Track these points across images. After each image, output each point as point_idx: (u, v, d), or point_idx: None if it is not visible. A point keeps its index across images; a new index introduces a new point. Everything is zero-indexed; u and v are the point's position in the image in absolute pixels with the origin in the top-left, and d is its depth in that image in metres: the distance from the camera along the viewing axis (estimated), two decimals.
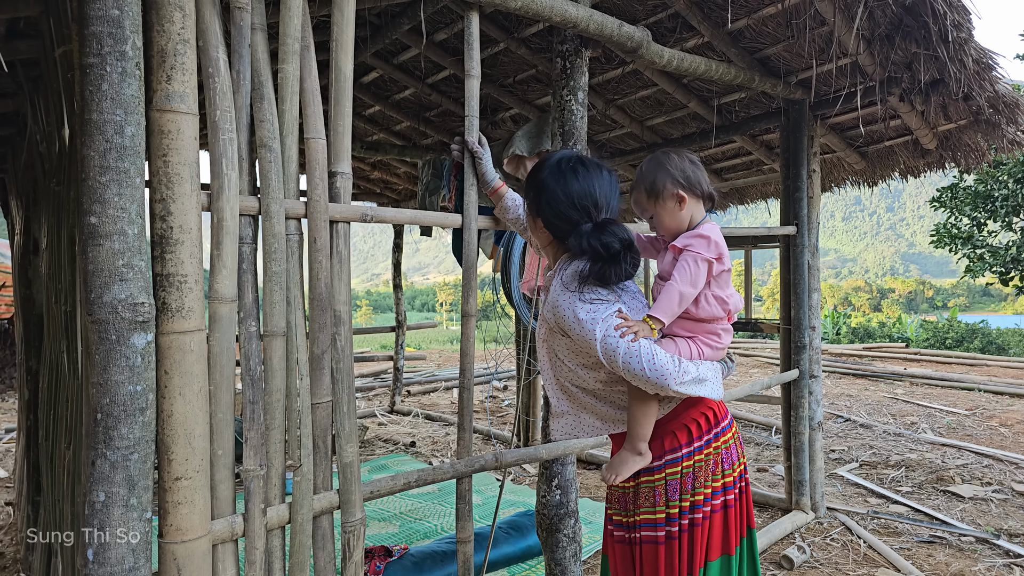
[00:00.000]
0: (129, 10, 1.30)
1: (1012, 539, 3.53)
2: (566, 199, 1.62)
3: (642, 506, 1.66)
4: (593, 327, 1.53)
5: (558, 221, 1.64)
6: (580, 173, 1.64)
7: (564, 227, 1.63)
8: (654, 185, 1.70)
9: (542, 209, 1.66)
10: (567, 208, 1.62)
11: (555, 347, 1.68)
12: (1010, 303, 55.25)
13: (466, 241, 2.03)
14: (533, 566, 3.23)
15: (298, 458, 1.66)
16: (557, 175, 1.64)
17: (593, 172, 1.65)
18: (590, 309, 1.55)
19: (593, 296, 1.57)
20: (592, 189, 1.63)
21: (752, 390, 3.60)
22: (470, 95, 2.00)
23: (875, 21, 3.02)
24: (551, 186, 1.63)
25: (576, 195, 1.62)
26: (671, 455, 1.63)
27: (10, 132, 3.51)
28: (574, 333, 1.57)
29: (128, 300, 1.30)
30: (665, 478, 1.64)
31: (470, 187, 2.11)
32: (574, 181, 1.63)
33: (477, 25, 2.09)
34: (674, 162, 1.72)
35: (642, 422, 1.59)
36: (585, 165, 1.66)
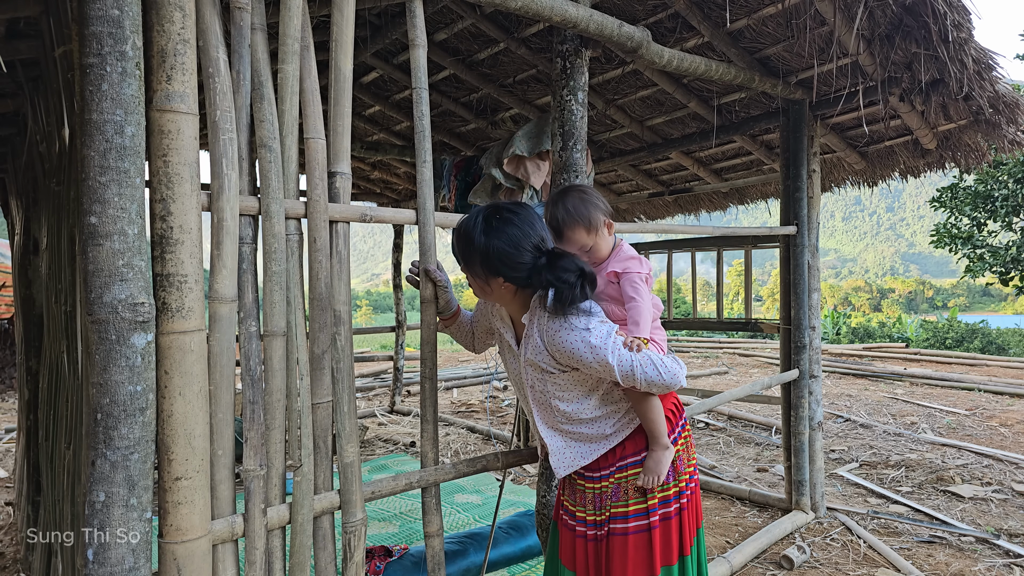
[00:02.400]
0: (129, 10, 1.30)
1: (1012, 539, 3.53)
2: (516, 249, 1.64)
3: (632, 499, 1.76)
4: (605, 348, 1.61)
5: (517, 272, 1.65)
6: (513, 220, 1.66)
7: (523, 274, 1.66)
8: (591, 221, 1.86)
9: (500, 268, 1.65)
10: (520, 255, 1.64)
11: (549, 388, 1.74)
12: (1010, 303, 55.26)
13: (421, 223, 1.97)
14: (533, 566, 3.23)
15: (298, 458, 1.66)
16: (496, 231, 1.64)
17: (521, 213, 1.69)
18: (599, 333, 1.63)
19: (591, 322, 1.65)
20: (531, 228, 1.67)
21: (752, 390, 3.60)
22: (416, 65, 1.93)
23: (875, 21, 3.02)
24: (498, 244, 1.64)
25: (523, 240, 1.64)
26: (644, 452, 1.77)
27: (10, 132, 3.51)
28: (586, 360, 1.63)
29: (128, 300, 1.30)
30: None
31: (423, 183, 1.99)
32: (513, 229, 1.65)
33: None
34: (591, 196, 1.90)
35: (657, 420, 1.74)
36: (510, 210, 1.69)
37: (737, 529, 3.77)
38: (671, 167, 5.47)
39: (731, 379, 9.55)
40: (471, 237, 1.66)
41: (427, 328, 2.00)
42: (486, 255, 1.64)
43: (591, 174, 3.80)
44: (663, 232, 3.15)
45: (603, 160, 5.17)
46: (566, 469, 1.79)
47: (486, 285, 1.71)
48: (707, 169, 5.29)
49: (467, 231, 1.67)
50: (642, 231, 3.00)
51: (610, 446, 1.78)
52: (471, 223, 1.67)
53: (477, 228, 1.65)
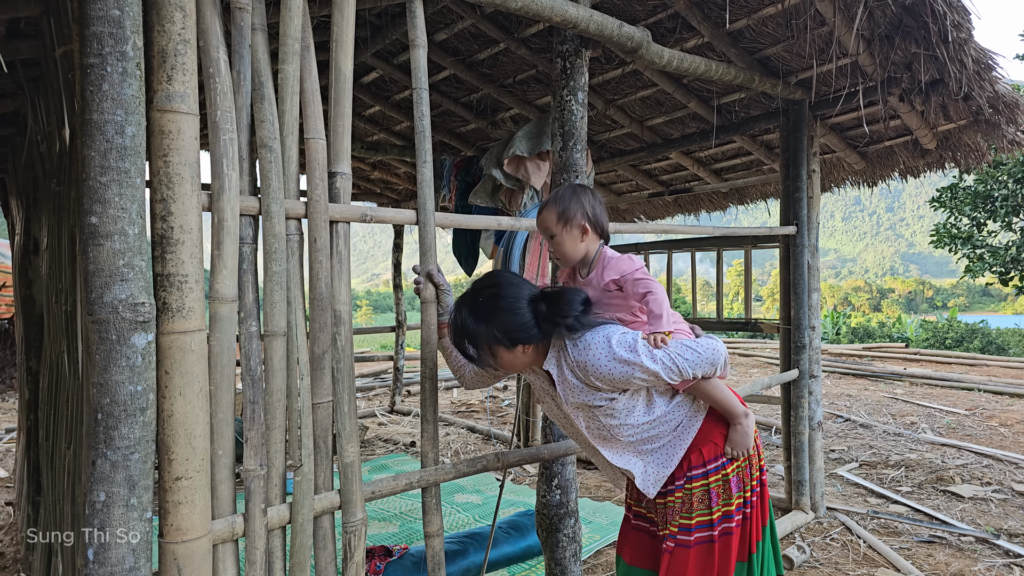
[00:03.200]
0: (130, 10, 1.30)
1: (1012, 539, 3.53)
2: (518, 315, 1.65)
3: (697, 511, 1.75)
4: (639, 357, 1.63)
5: (527, 333, 1.67)
6: (498, 289, 1.68)
7: (534, 331, 1.67)
8: (566, 212, 1.85)
9: (513, 338, 1.66)
10: (523, 320, 1.66)
11: (604, 421, 1.74)
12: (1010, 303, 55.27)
13: (422, 223, 1.97)
14: (533, 566, 3.23)
15: (299, 458, 1.66)
16: (489, 308, 1.66)
17: (502, 280, 1.70)
18: (624, 345, 1.64)
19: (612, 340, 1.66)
20: (519, 292, 1.68)
21: (752, 390, 3.60)
22: (416, 65, 1.93)
23: (875, 21, 3.02)
24: (498, 318, 1.65)
25: (515, 303, 1.66)
26: (712, 463, 1.76)
27: (11, 132, 3.51)
28: (626, 376, 1.64)
29: (129, 300, 1.31)
30: (708, 485, 1.75)
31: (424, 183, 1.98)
32: (502, 300, 1.66)
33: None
34: (588, 198, 1.89)
35: (724, 397, 1.75)
36: (493, 280, 1.71)
37: None
38: (671, 167, 5.47)
39: (731, 379, 9.56)
40: (470, 331, 1.67)
41: (427, 328, 1.99)
42: (492, 333, 1.66)
43: (591, 174, 3.80)
44: (663, 232, 3.15)
45: (603, 160, 5.17)
46: (656, 486, 1.77)
47: (513, 356, 1.71)
48: (707, 169, 5.29)
49: (463, 328, 1.67)
50: (642, 231, 3.00)
51: (689, 438, 1.76)
52: (461, 319, 1.67)
53: (470, 320, 1.66)
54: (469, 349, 1.70)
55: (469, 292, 1.72)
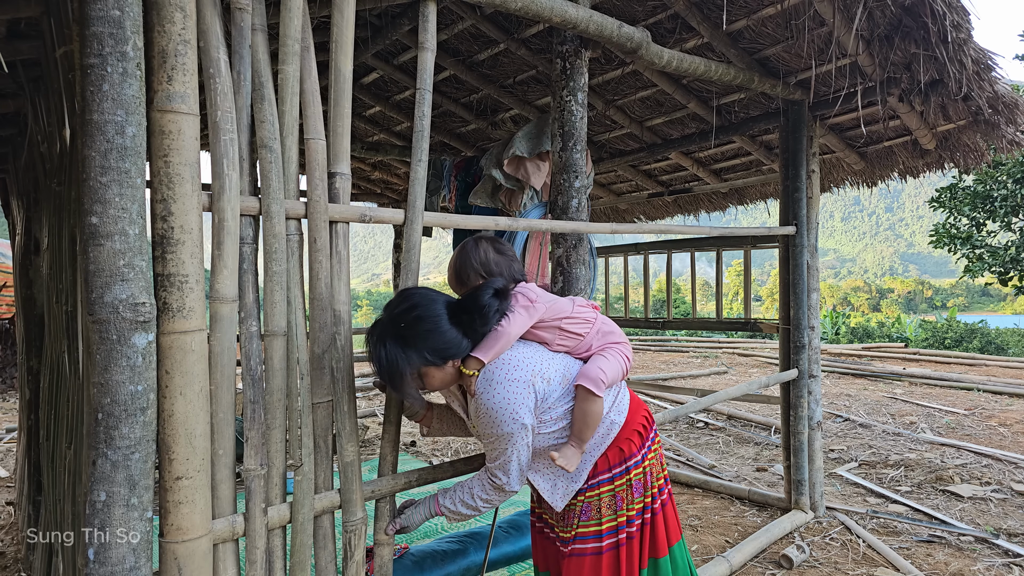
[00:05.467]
0: (130, 11, 1.30)
1: (1011, 538, 3.54)
2: (446, 332, 1.62)
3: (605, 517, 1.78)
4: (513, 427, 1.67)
5: (456, 346, 1.64)
6: (419, 311, 1.63)
7: (462, 342, 1.65)
8: (459, 274, 1.89)
9: (444, 355, 1.63)
10: (451, 336, 1.63)
11: None
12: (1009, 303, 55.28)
13: (408, 221, 1.96)
14: (533, 565, 3.23)
15: (299, 457, 1.66)
16: (414, 332, 1.61)
17: (418, 300, 1.66)
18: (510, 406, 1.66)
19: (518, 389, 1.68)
20: (438, 308, 1.65)
21: (751, 389, 3.60)
22: (422, 68, 1.93)
23: (874, 22, 3.02)
24: (428, 340, 1.61)
25: (439, 327, 1.63)
26: (631, 460, 1.79)
27: (11, 132, 3.51)
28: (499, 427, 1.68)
29: (129, 300, 1.31)
30: (629, 481, 1.78)
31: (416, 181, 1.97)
32: (425, 322, 1.62)
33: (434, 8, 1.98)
34: (474, 253, 1.87)
35: (592, 423, 1.74)
36: (408, 302, 1.66)
37: (736, 528, 3.77)
38: (671, 167, 5.47)
39: (730, 379, 9.56)
40: (392, 361, 1.59)
41: None
42: (425, 359, 1.61)
43: (591, 174, 3.80)
44: (662, 232, 3.16)
45: (603, 160, 5.17)
46: (564, 499, 1.80)
47: (445, 375, 1.68)
48: (706, 169, 5.29)
49: (387, 357, 1.59)
50: (641, 231, 3.01)
51: (600, 450, 1.79)
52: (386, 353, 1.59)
53: (393, 348, 1.59)
54: (396, 382, 1.62)
55: (386, 320, 1.64)
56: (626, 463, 1.78)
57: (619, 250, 5.70)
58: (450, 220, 2.22)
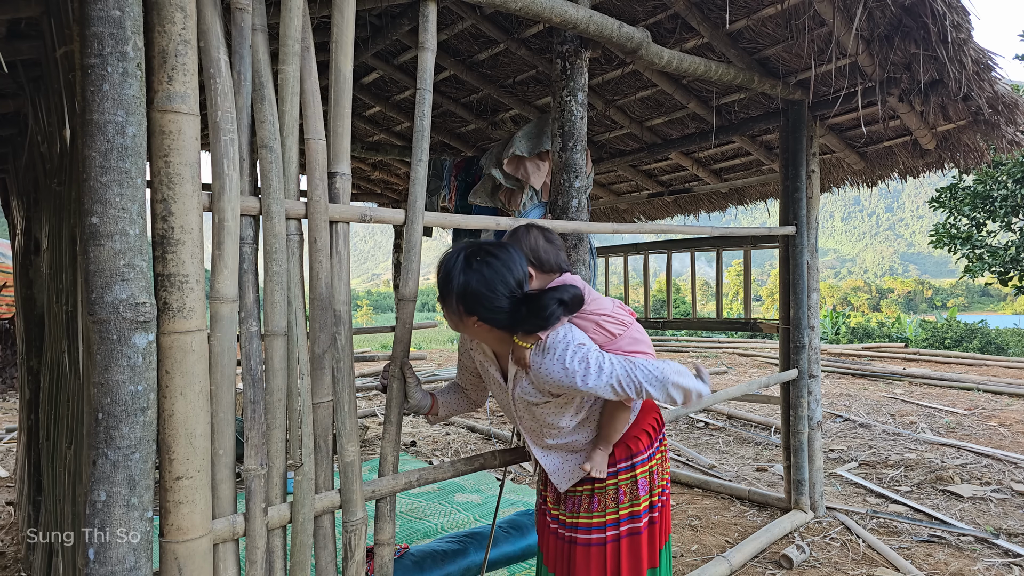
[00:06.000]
0: (130, 11, 1.30)
1: (1011, 538, 3.54)
2: (491, 292, 1.62)
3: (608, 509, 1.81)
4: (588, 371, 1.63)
5: (493, 314, 1.64)
6: (493, 264, 1.64)
7: (499, 316, 1.65)
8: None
9: (475, 308, 1.64)
10: (497, 298, 1.63)
11: (543, 415, 1.78)
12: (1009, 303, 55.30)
13: (409, 221, 1.95)
14: (533, 565, 3.23)
15: (299, 457, 1.66)
16: (473, 273, 1.63)
17: (501, 256, 1.66)
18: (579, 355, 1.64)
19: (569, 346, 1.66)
20: (510, 272, 1.65)
21: (751, 389, 3.60)
22: (423, 68, 1.92)
23: (874, 22, 3.02)
24: (474, 286, 1.62)
25: (499, 284, 1.63)
26: (637, 457, 1.83)
27: (11, 132, 3.51)
28: (573, 384, 1.63)
29: (129, 300, 1.31)
30: (635, 478, 1.82)
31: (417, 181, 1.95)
32: (492, 272, 1.63)
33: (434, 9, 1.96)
34: (525, 240, 1.86)
35: (620, 428, 1.80)
36: (491, 253, 1.67)
37: (736, 528, 3.77)
38: (671, 167, 5.47)
39: (730, 379, 9.56)
40: (450, 275, 1.64)
41: (401, 327, 1.95)
42: (462, 294, 1.63)
43: (591, 174, 3.81)
44: (662, 232, 3.16)
45: (603, 160, 5.17)
46: (567, 483, 1.84)
47: (460, 322, 1.69)
48: (706, 169, 5.29)
49: (447, 269, 1.66)
50: (641, 231, 3.01)
51: None
52: (452, 260, 1.66)
53: (457, 266, 1.64)
54: (439, 289, 1.67)
55: (475, 246, 1.70)
56: (632, 459, 1.82)
57: (619, 250, 5.70)
58: (450, 220, 2.22)
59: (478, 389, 2.05)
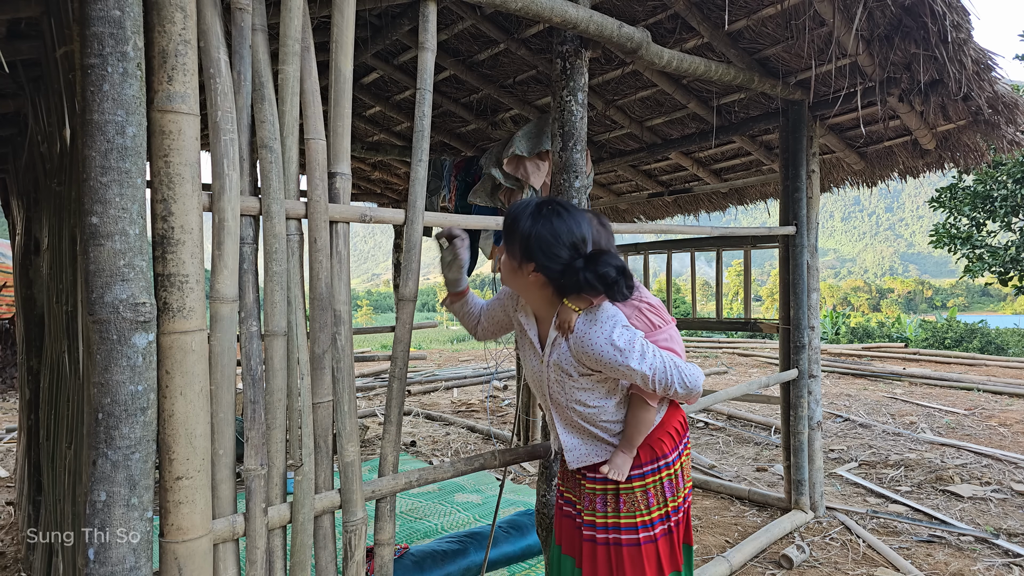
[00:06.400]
0: (130, 11, 1.30)
1: (1011, 538, 3.54)
2: (555, 240, 1.65)
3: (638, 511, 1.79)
4: (631, 352, 1.64)
5: (551, 263, 1.66)
6: (562, 215, 1.69)
7: (556, 267, 1.67)
8: None
9: (535, 255, 1.67)
10: (559, 248, 1.65)
11: (569, 390, 1.76)
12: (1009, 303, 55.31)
13: (409, 220, 1.95)
14: (533, 565, 3.23)
15: (299, 457, 1.66)
16: (541, 219, 1.67)
17: (571, 211, 1.71)
18: (624, 337, 1.65)
19: (617, 325, 1.68)
20: (577, 227, 1.69)
21: (751, 389, 3.60)
22: (423, 68, 1.92)
23: (874, 22, 3.02)
24: (539, 231, 1.66)
25: (564, 234, 1.66)
26: (661, 460, 1.82)
27: (11, 132, 3.51)
28: (610, 363, 1.65)
29: (129, 300, 1.31)
30: (660, 480, 1.81)
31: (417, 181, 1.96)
32: (559, 222, 1.67)
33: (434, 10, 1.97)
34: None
35: (644, 430, 1.79)
36: (564, 207, 1.72)
37: (736, 528, 3.77)
38: (671, 167, 5.47)
39: (730, 379, 9.56)
40: (518, 219, 1.69)
41: (402, 327, 1.95)
42: (527, 238, 1.66)
43: (591, 174, 3.81)
44: (662, 232, 3.16)
45: (603, 160, 5.17)
46: (578, 463, 1.84)
47: (519, 269, 1.72)
48: (706, 169, 5.29)
49: (516, 214, 1.71)
50: (641, 231, 3.01)
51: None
52: (522, 207, 1.71)
53: (526, 212, 1.69)
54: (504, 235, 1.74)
55: (548, 199, 1.75)
56: (657, 462, 1.81)
57: (619, 250, 5.68)
58: (450, 220, 2.22)
59: (488, 329, 2.06)
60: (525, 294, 1.80)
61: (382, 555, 1.90)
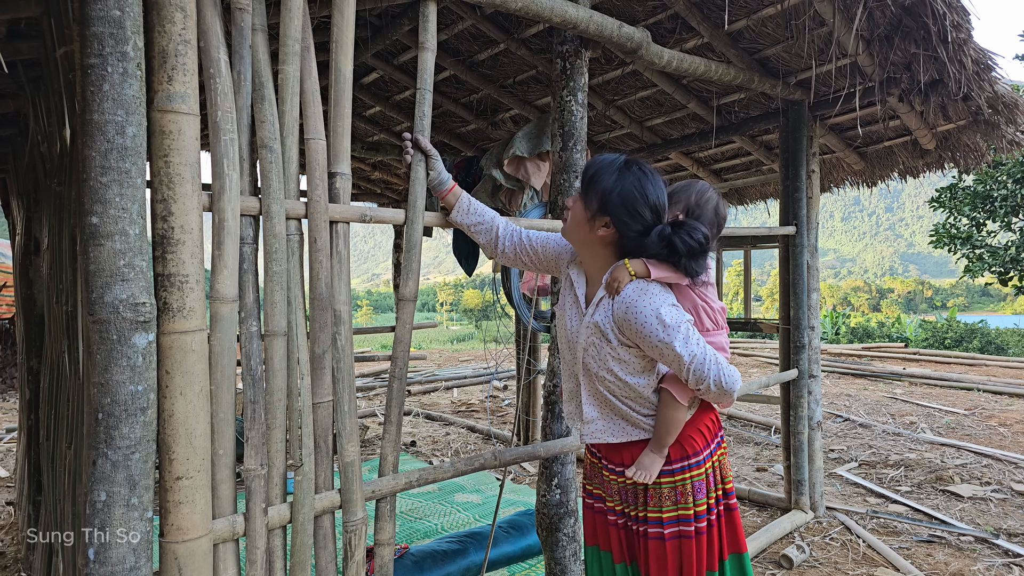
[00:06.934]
0: (130, 11, 1.30)
1: (1011, 538, 3.54)
2: (642, 199, 1.62)
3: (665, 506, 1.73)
4: (676, 332, 1.57)
5: (630, 220, 1.63)
6: (648, 176, 1.65)
7: (635, 227, 1.63)
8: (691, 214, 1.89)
9: (613, 208, 1.63)
10: (642, 207, 1.62)
11: (604, 356, 1.68)
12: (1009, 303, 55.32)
13: (409, 220, 1.94)
14: (533, 565, 3.23)
15: (299, 457, 1.66)
16: (630, 176, 1.63)
17: (656, 176, 1.68)
18: (672, 315, 1.59)
19: (668, 301, 1.62)
20: (661, 192, 1.66)
21: (751, 389, 3.60)
22: (423, 68, 1.91)
23: (874, 22, 3.02)
24: (627, 185, 1.62)
25: (651, 195, 1.63)
26: (693, 459, 1.73)
27: (11, 132, 3.51)
28: (651, 338, 1.59)
29: (129, 300, 1.31)
30: (691, 479, 1.72)
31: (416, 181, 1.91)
32: (647, 182, 1.64)
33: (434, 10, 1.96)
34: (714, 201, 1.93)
35: (673, 430, 1.69)
36: (650, 170, 1.68)
37: None
38: (670, 167, 5.47)
39: None
40: (603, 171, 1.65)
41: (402, 327, 1.93)
42: (609, 191, 1.62)
43: None
44: None
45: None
46: (592, 438, 1.76)
47: (591, 221, 1.67)
48: (706, 169, 5.29)
49: (602, 165, 1.66)
50: None
51: (643, 436, 1.73)
52: (608, 160, 1.67)
53: (613, 166, 1.65)
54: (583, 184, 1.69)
55: (633, 159, 1.70)
56: (687, 461, 1.72)
57: None
58: (442, 220, 2.21)
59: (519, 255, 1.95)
60: (584, 248, 1.74)
61: (382, 555, 1.90)
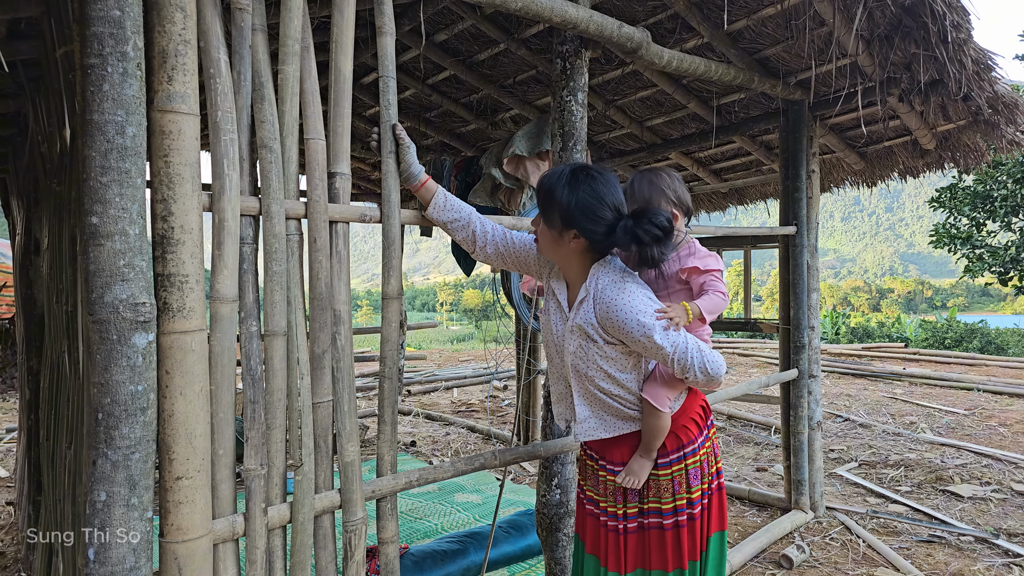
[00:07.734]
0: (130, 11, 1.30)
1: (1011, 538, 3.54)
2: (599, 203, 1.66)
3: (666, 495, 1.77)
4: (655, 326, 1.63)
5: (594, 225, 1.67)
6: (598, 179, 1.69)
7: (600, 229, 1.68)
8: (649, 204, 1.88)
9: (577, 220, 1.67)
10: (601, 211, 1.66)
11: (596, 356, 1.72)
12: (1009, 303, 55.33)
13: (385, 216, 1.89)
14: (533, 565, 3.23)
15: (299, 457, 1.66)
16: (582, 185, 1.67)
17: (605, 174, 1.72)
18: (652, 307, 1.65)
19: (646, 297, 1.68)
20: (614, 189, 1.70)
21: (751, 389, 3.61)
22: (383, 53, 1.84)
23: (874, 22, 3.02)
24: (582, 195, 1.66)
25: (607, 196, 1.67)
26: (688, 447, 1.78)
27: (11, 132, 3.51)
28: (633, 334, 1.64)
29: (129, 300, 1.31)
30: (686, 468, 1.77)
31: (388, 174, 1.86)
32: (598, 185, 1.68)
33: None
34: (665, 181, 1.92)
35: (659, 435, 1.74)
36: (597, 170, 1.72)
37: (736, 528, 3.77)
38: (671, 168, 5.48)
39: (730, 379, 9.55)
40: (554, 189, 1.69)
41: (388, 326, 1.91)
42: (567, 206, 1.66)
43: None
44: None
45: (603, 160, 5.17)
46: (586, 435, 1.80)
47: (559, 237, 1.72)
48: (706, 169, 5.29)
49: (551, 184, 1.70)
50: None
51: (634, 428, 1.77)
52: (555, 176, 1.71)
53: (562, 181, 1.69)
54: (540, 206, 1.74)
55: (580, 164, 1.75)
56: (683, 450, 1.77)
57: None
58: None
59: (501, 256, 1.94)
60: (564, 262, 1.79)
61: (387, 553, 1.90)
